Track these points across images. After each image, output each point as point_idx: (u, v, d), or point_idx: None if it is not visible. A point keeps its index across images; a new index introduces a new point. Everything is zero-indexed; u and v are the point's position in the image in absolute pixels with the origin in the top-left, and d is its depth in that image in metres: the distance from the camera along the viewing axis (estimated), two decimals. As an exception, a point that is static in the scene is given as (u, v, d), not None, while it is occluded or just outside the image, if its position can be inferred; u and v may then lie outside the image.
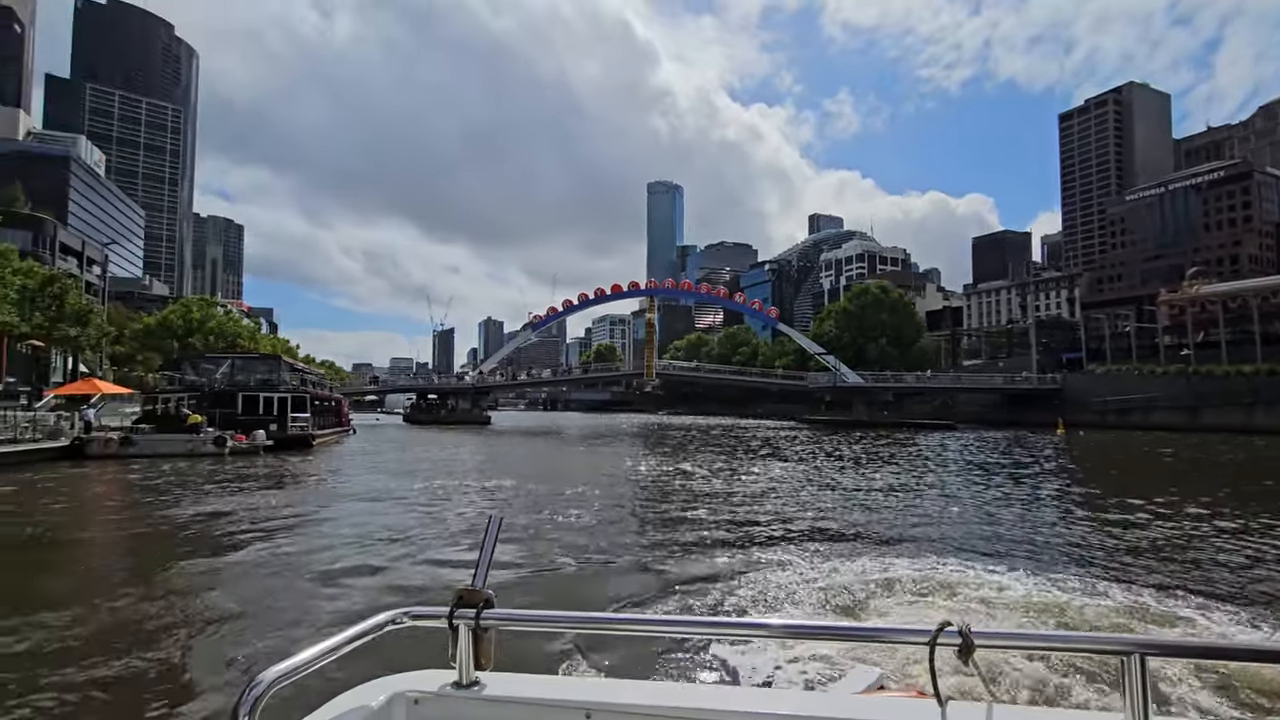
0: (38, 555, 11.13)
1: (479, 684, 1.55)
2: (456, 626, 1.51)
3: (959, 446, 34.80)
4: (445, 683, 1.56)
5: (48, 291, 44.64)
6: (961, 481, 20.19)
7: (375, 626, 1.47)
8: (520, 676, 1.65)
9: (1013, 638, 1.75)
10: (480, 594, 1.51)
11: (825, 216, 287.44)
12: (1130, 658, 1.26)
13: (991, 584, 8.15)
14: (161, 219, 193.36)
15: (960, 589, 7.88)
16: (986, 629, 1.33)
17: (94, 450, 25.38)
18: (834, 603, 7.53)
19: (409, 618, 1.55)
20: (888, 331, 77.36)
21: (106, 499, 17.04)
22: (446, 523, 13.19)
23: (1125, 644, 1.29)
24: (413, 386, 75.65)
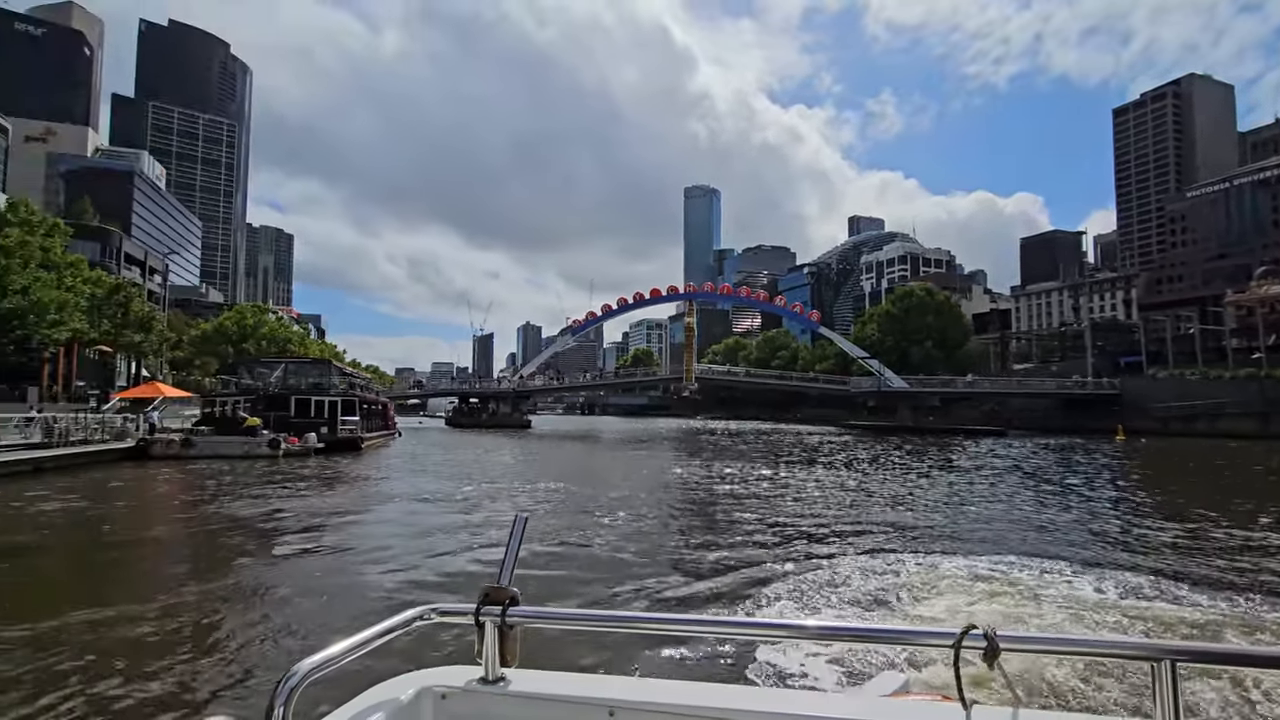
0: (114, 552, 11.59)
1: (504, 680, 1.57)
2: (483, 623, 1.54)
3: (1015, 453, 33.60)
4: (472, 678, 1.58)
5: (114, 300, 46.91)
6: (1024, 490, 19.43)
7: (404, 622, 1.50)
8: (545, 674, 1.67)
9: (1039, 642, 1.70)
10: (506, 591, 1.53)
11: (866, 218, 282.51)
12: (1160, 664, 1.23)
13: (1049, 593, 7.87)
14: (217, 229, 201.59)
15: (1023, 600, 7.61)
16: (1013, 632, 1.30)
17: (157, 451, 26.46)
18: (876, 605, 7.39)
19: (436, 614, 1.58)
20: (933, 335, 75.45)
21: (172, 498, 17.69)
22: (495, 524, 13.27)
23: (1155, 650, 1.26)
24: (455, 391, 76.95)
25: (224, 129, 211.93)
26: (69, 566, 10.42)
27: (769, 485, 19.81)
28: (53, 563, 10.65)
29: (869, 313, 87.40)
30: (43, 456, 21.47)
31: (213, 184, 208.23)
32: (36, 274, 37.29)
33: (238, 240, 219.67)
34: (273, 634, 6.91)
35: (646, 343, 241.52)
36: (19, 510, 14.45)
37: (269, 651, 6.38)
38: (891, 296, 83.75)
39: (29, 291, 36.15)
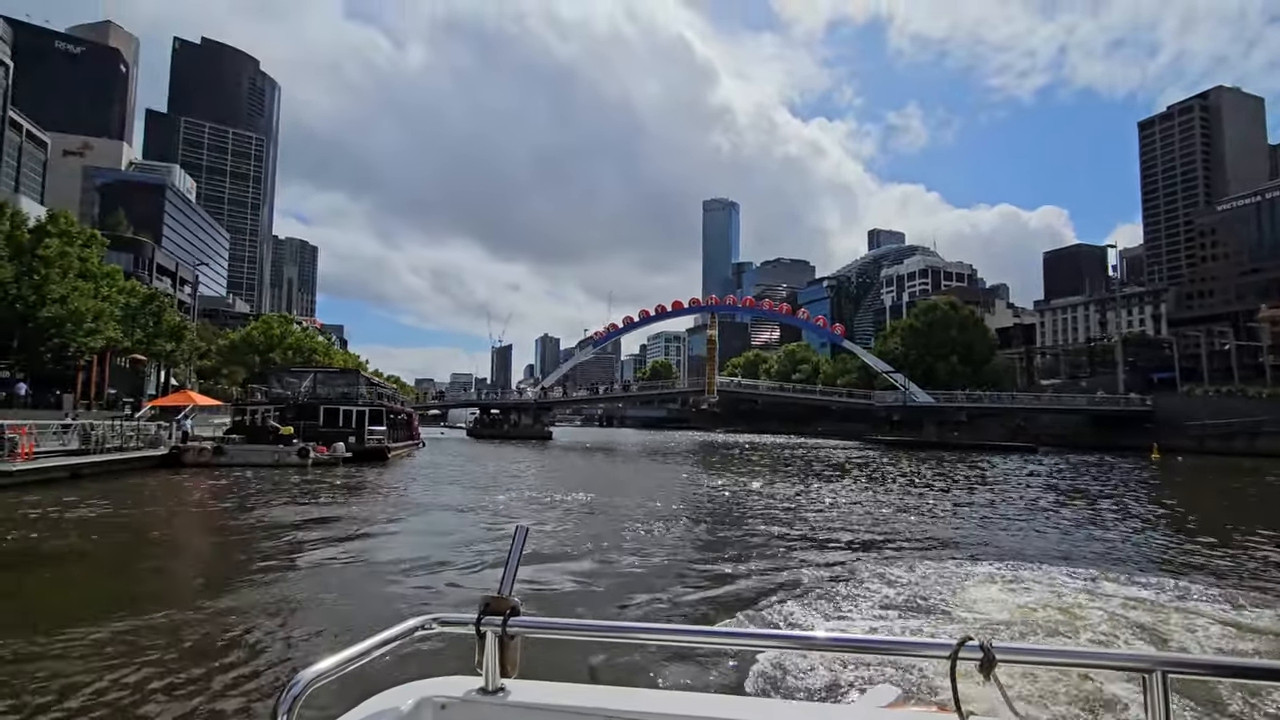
0: (148, 559, 11.61)
1: (504, 690, 1.57)
2: (483, 633, 1.54)
3: (1051, 471, 32.82)
4: (471, 688, 1.58)
5: (147, 309, 47.79)
6: (1074, 509, 18.87)
7: (405, 632, 1.51)
8: (545, 684, 1.67)
9: (1035, 653, 1.69)
10: (507, 601, 1.54)
11: (886, 231, 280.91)
12: (1152, 675, 1.25)
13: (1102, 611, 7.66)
14: (244, 241, 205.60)
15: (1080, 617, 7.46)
16: (1008, 644, 1.32)
17: (189, 459, 26.73)
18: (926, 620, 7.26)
19: (437, 624, 1.58)
20: (958, 349, 74.37)
21: (205, 506, 17.75)
22: (532, 538, 13.10)
23: (1147, 661, 1.28)
24: (476, 402, 77.22)
25: (252, 143, 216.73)
26: (103, 573, 10.41)
27: (800, 501, 19.44)
28: (89, 568, 10.66)
29: (891, 326, 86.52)
30: (80, 463, 21.74)
31: (240, 197, 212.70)
32: (74, 283, 38.09)
33: (264, 252, 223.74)
34: (300, 640, 6.98)
35: (665, 355, 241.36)
36: (58, 516, 14.58)
37: (295, 656, 6.42)
38: (915, 310, 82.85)
39: (67, 301, 36.93)
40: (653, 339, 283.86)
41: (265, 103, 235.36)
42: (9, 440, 20.10)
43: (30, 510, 15.01)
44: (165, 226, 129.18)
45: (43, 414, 30.90)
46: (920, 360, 72.42)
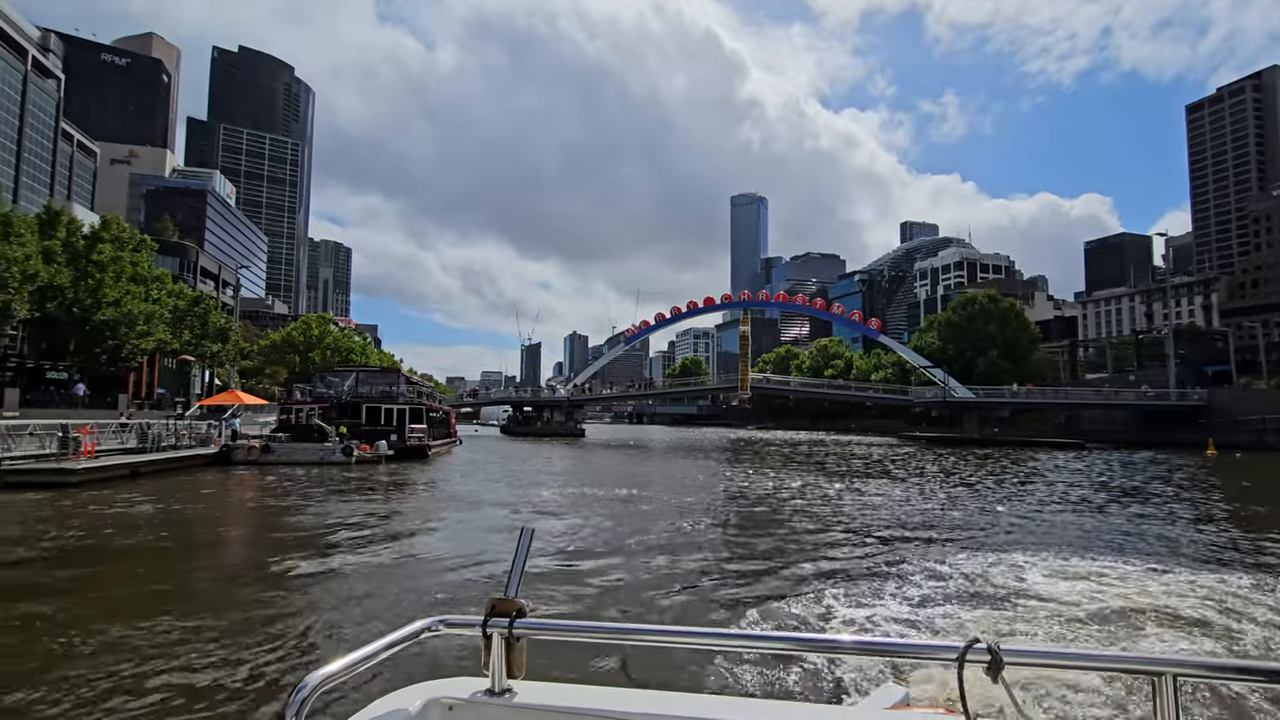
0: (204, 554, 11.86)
1: (511, 691, 1.58)
2: (490, 635, 1.55)
3: (1107, 468, 31.74)
4: (478, 690, 1.60)
5: (194, 311, 49.21)
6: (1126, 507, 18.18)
7: (412, 634, 1.53)
8: (551, 685, 1.68)
9: (1042, 655, 1.66)
10: (513, 603, 1.55)
11: (919, 224, 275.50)
12: (1162, 678, 1.25)
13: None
14: (281, 244, 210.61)
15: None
16: (1016, 646, 1.32)
17: (239, 457, 27.40)
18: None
19: (445, 625, 1.60)
20: (998, 343, 72.50)
21: (258, 502, 18.09)
22: (575, 532, 13.06)
23: (1157, 663, 1.27)
24: (509, 399, 77.86)
25: (288, 148, 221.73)
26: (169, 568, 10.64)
27: (847, 496, 19.07)
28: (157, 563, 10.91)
29: (928, 320, 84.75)
30: (139, 461, 22.43)
31: (277, 200, 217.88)
32: (127, 287, 39.41)
33: (300, 254, 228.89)
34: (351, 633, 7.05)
35: (693, 352, 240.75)
36: (122, 513, 15.02)
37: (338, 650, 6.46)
38: (953, 304, 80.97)
39: (121, 304, 38.19)
40: (681, 335, 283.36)
41: (300, 108, 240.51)
42: (73, 440, 20.83)
43: (98, 507, 15.49)
44: (207, 231, 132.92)
45: (99, 414, 32.03)
46: (959, 355, 70.80)
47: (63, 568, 10.09)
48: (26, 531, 12.57)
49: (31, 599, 8.10)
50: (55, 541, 11.80)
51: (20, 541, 11.74)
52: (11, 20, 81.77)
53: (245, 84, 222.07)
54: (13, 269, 32.32)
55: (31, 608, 7.73)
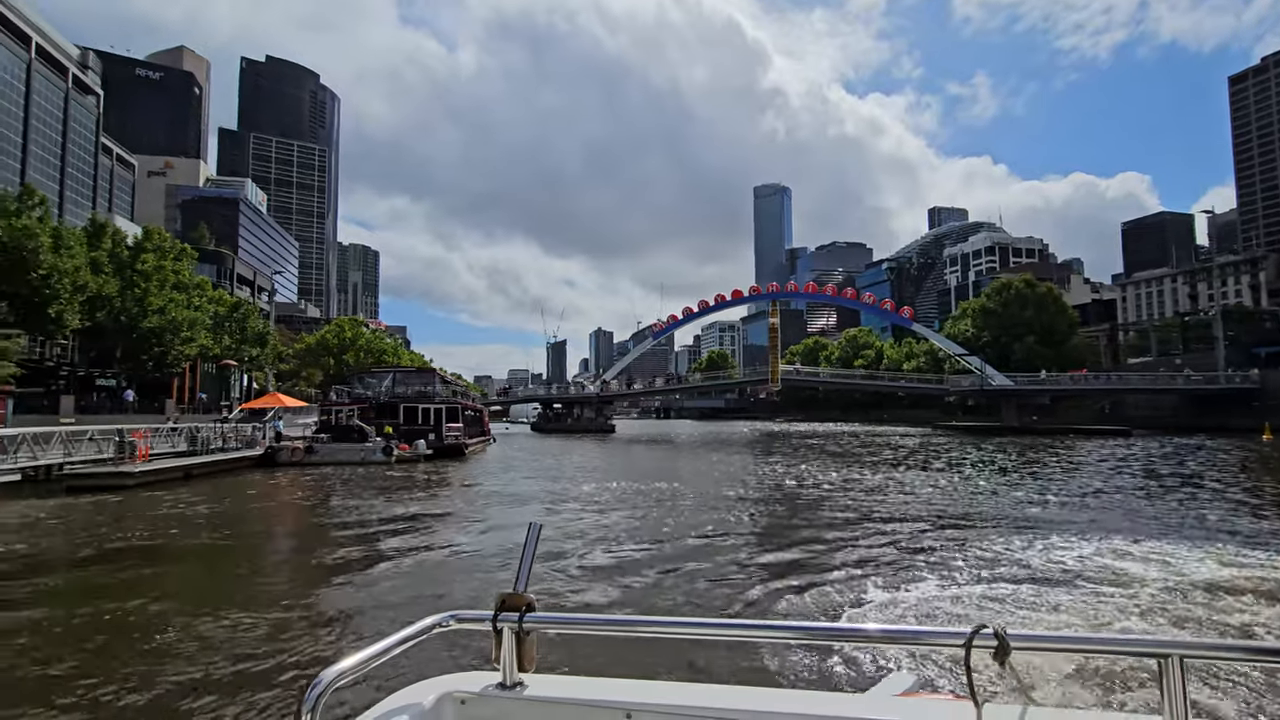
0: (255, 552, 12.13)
1: (522, 685, 1.61)
2: (500, 629, 1.58)
3: (1153, 453, 30.79)
4: (490, 684, 1.62)
5: (234, 317, 50.43)
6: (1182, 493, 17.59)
7: (423, 630, 1.55)
8: (562, 678, 1.71)
9: (1049, 640, 1.70)
10: (523, 598, 1.57)
11: (947, 209, 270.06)
12: (1168, 660, 1.25)
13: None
14: (311, 249, 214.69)
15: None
16: (1023, 631, 1.33)
17: (283, 458, 28.01)
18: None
19: (455, 621, 1.62)
20: (1035, 329, 70.78)
21: (312, 500, 18.42)
22: (619, 526, 13.06)
23: (1163, 646, 1.28)
24: (539, 397, 78.42)
25: (315, 155, 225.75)
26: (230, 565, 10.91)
27: (889, 487, 18.77)
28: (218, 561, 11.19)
29: (962, 307, 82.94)
30: (191, 464, 23.05)
31: (306, 207, 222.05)
32: (170, 295, 40.52)
33: (329, 258, 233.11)
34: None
35: (719, 345, 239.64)
36: (181, 514, 15.47)
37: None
38: (987, 289, 79.21)
39: (165, 311, 39.28)
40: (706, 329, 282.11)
41: (327, 115, 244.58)
42: (129, 444, 21.50)
43: (158, 508, 15.95)
44: (240, 238, 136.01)
45: (147, 418, 33.03)
46: (995, 342, 69.29)
47: (137, 565, 10.41)
48: (95, 533, 12.99)
49: (113, 597, 8.36)
50: (125, 541, 12.17)
51: (91, 542, 12.14)
52: (53, 40, 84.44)
53: (273, 93, 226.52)
54: (64, 280, 33.44)
55: (115, 603, 7.99)
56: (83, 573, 10.10)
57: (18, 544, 11.94)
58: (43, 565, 10.58)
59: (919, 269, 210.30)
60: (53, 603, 8.26)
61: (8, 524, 13.90)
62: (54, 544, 12.23)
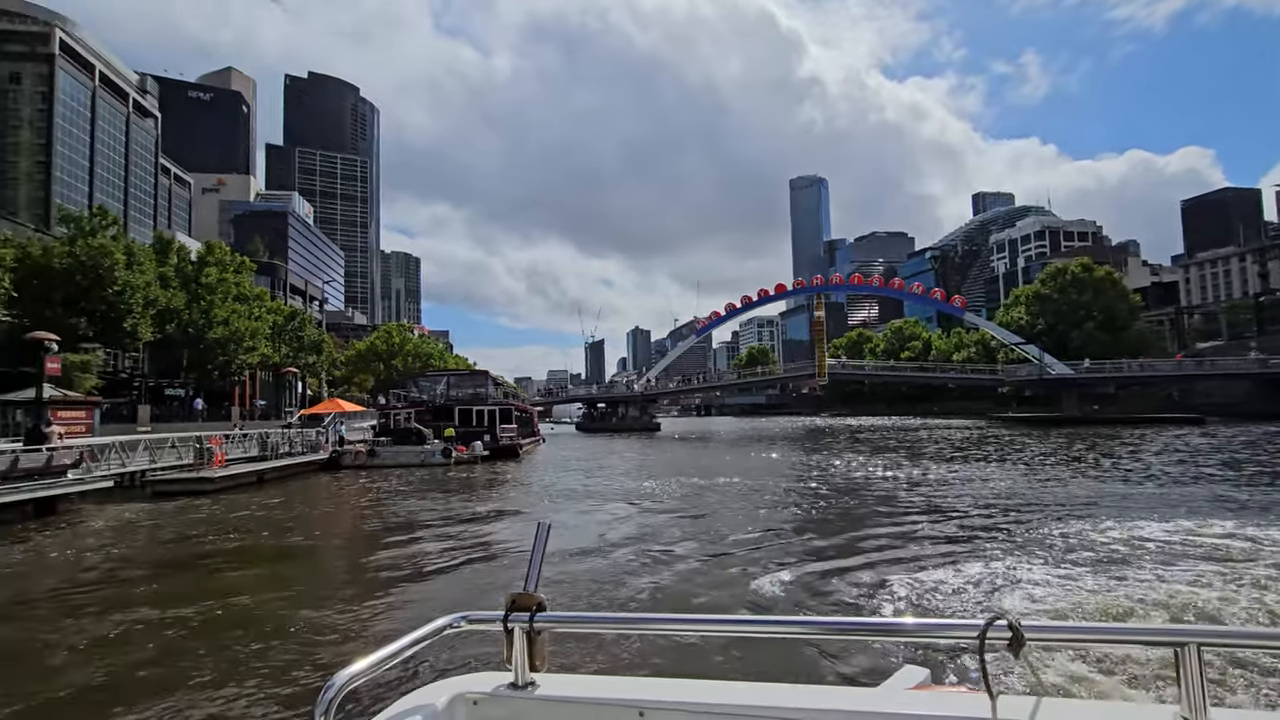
0: (333, 551, 12.43)
1: (534, 685, 1.61)
2: (511, 630, 1.59)
3: (1242, 441, 29.25)
4: (502, 684, 1.63)
5: (290, 326, 52.14)
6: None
7: (434, 631, 1.56)
8: (574, 677, 1.72)
9: (1064, 630, 1.72)
10: (533, 598, 1.58)
11: (992, 194, 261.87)
12: (1185, 649, 1.24)
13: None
14: (356, 257, 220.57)
15: None
16: (1037, 622, 1.31)
17: (347, 462, 28.80)
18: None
19: (466, 622, 1.63)
20: (1093, 315, 68.10)
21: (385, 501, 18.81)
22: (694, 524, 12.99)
23: (1180, 635, 1.27)
24: (583, 396, 78.96)
25: (357, 166, 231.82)
26: (318, 562, 11.22)
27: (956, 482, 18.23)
28: (304, 558, 11.54)
29: (1014, 295, 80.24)
30: (264, 469, 23.87)
31: (350, 217, 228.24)
32: (233, 306, 42.12)
33: (373, 267, 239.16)
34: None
35: (758, 340, 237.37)
36: (264, 516, 16.06)
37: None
38: (1041, 275, 76.50)
39: (229, 322, 40.85)
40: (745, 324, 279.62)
41: (367, 127, 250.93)
42: (207, 450, 22.42)
43: (242, 511, 16.55)
44: (289, 249, 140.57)
45: (214, 426, 34.39)
46: (1051, 330, 66.91)
47: (239, 564, 10.84)
48: (191, 535, 13.55)
49: (222, 593, 8.69)
50: (223, 542, 12.66)
51: (190, 543, 12.68)
52: (114, 67, 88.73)
53: (315, 108, 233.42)
54: (137, 295, 35.06)
55: (230, 600, 8.31)
56: (190, 572, 10.52)
57: (124, 546, 12.53)
58: (153, 565, 11.07)
59: (964, 257, 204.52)
60: (171, 601, 8.62)
61: (113, 527, 14.62)
62: (155, 546, 12.78)
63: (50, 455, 16.52)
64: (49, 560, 11.70)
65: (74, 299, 33.10)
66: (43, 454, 16.45)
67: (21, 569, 11.16)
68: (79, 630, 7.50)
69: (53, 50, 77.22)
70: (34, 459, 16.16)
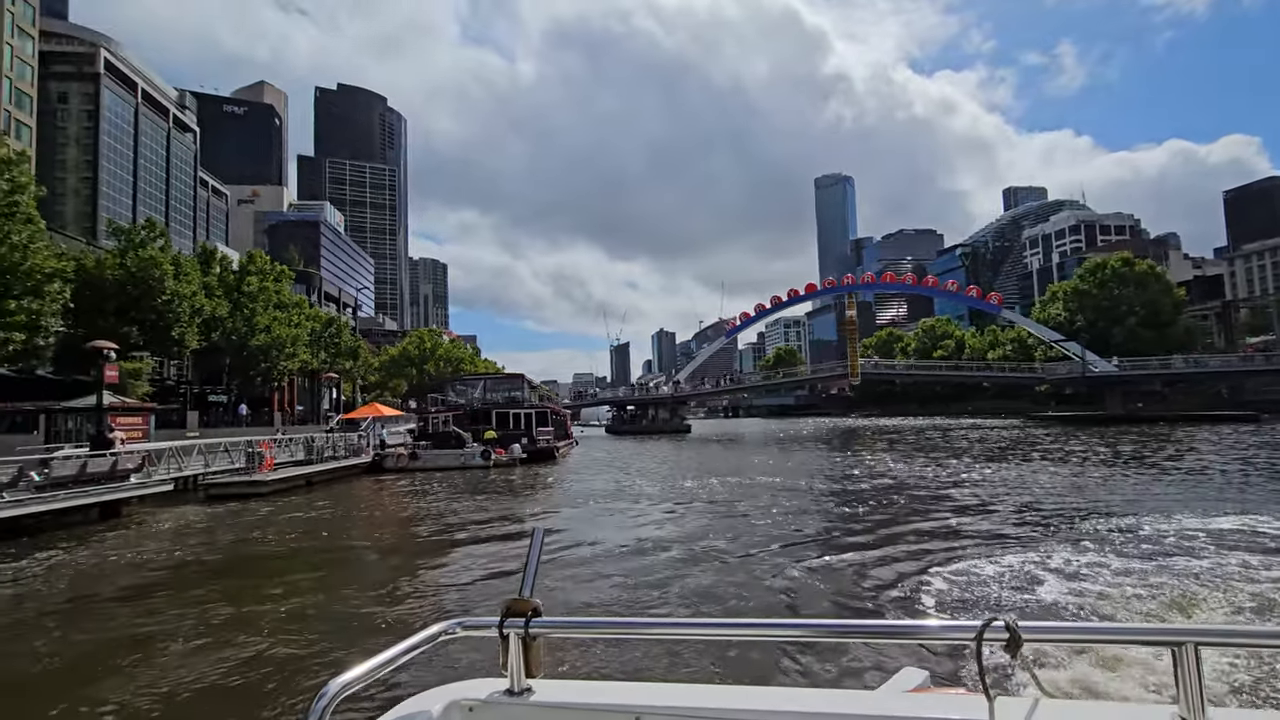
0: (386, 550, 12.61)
1: (530, 690, 1.61)
2: (507, 635, 1.58)
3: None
4: (497, 690, 1.62)
5: (328, 333, 53.20)
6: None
7: (429, 638, 1.55)
8: (570, 683, 1.71)
9: (1061, 631, 1.72)
10: (529, 603, 1.58)
11: (1024, 189, 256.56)
12: (1183, 648, 1.24)
13: None
14: (385, 265, 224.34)
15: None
16: (1034, 623, 1.33)
17: (389, 465, 29.24)
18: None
19: (461, 628, 1.62)
20: (1135, 311, 66.23)
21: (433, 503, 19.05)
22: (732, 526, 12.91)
23: (1177, 634, 1.26)
24: (613, 399, 79.14)
25: (386, 175, 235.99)
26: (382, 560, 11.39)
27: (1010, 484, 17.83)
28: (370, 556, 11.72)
29: (1051, 291, 78.40)
30: (310, 472, 24.37)
31: (379, 225, 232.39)
32: (274, 314, 43.11)
33: (402, 273, 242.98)
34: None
35: (784, 341, 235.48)
36: (317, 518, 16.40)
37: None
38: (1080, 270, 74.60)
39: (271, 329, 41.82)
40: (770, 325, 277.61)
41: (395, 136, 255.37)
42: (257, 455, 22.95)
43: (297, 513, 16.91)
44: (321, 258, 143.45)
45: (257, 430, 35.24)
46: (1092, 326, 65.22)
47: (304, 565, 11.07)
48: (252, 535, 13.89)
49: (293, 593, 8.87)
50: (284, 543, 12.96)
51: (249, 542, 13.00)
52: (156, 85, 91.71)
53: (344, 118, 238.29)
54: (184, 304, 36.08)
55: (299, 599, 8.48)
56: (261, 571, 10.79)
57: (195, 547, 12.89)
58: (225, 563, 11.38)
59: (995, 253, 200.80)
60: (248, 598, 8.84)
61: (179, 529, 15.07)
62: (224, 546, 13.11)
63: (115, 460, 17.07)
64: (129, 558, 12.06)
65: (125, 309, 34.19)
66: (108, 459, 17.00)
67: (108, 567, 11.50)
68: (174, 621, 7.74)
69: (98, 70, 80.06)
70: (100, 463, 16.71)
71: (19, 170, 26.01)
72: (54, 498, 15.01)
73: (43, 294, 25.85)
